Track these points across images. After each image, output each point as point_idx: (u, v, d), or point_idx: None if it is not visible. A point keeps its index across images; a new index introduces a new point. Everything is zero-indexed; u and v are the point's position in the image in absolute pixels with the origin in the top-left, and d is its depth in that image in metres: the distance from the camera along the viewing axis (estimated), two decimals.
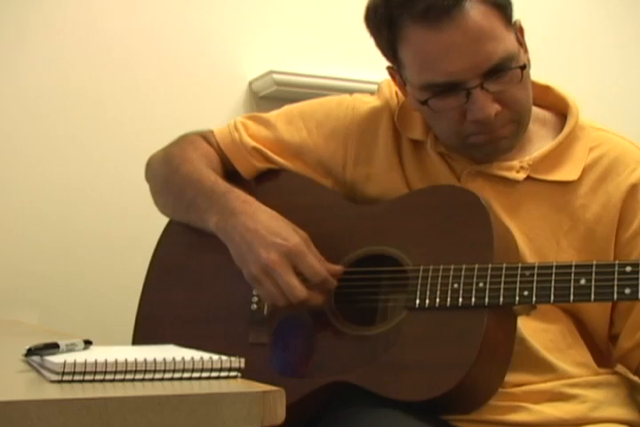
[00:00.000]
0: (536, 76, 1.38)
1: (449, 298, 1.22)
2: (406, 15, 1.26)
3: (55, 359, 0.89)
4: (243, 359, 0.93)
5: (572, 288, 1.16)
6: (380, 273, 1.32)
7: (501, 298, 1.19)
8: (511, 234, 1.29)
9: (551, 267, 1.19)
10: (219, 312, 1.41)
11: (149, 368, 0.89)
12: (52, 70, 2.19)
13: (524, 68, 1.29)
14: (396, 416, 1.17)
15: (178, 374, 0.90)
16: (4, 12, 2.16)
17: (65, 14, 2.21)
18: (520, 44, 1.32)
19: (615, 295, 1.14)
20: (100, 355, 0.91)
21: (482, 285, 1.20)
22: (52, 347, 0.97)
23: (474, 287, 1.21)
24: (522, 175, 1.34)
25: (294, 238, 1.31)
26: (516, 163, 1.35)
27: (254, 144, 1.50)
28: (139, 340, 1.45)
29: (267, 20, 2.41)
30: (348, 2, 1.82)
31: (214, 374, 0.91)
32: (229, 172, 1.52)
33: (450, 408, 1.21)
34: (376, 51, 1.36)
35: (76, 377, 0.87)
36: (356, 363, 1.25)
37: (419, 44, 1.27)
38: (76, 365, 0.87)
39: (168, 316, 1.46)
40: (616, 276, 1.14)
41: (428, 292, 1.24)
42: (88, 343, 1.04)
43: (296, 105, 1.54)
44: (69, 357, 0.90)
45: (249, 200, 1.39)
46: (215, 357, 0.92)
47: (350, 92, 1.55)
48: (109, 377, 0.87)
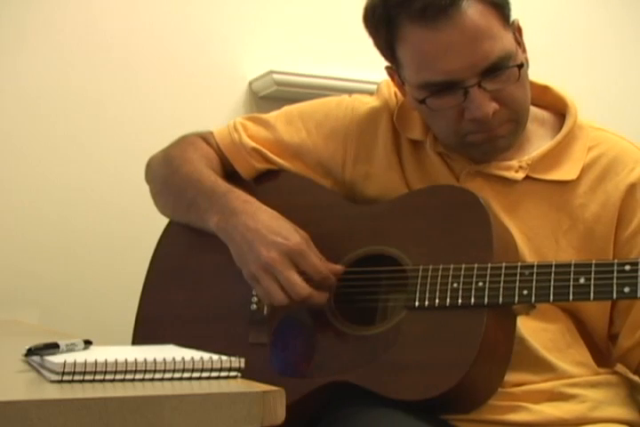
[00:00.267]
0: (535, 76, 1.38)
1: (448, 298, 1.22)
2: (404, 15, 1.26)
3: (55, 359, 0.89)
4: (243, 359, 0.93)
5: (572, 287, 1.16)
6: (380, 273, 1.32)
7: (501, 297, 1.19)
8: (510, 234, 1.30)
9: (550, 266, 1.19)
10: (219, 312, 1.42)
11: (149, 368, 0.89)
12: (52, 70, 2.19)
13: (521, 66, 1.29)
14: (396, 416, 1.17)
15: (178, 374, 0.90)
16: (4, 12, 2.15)
17: (65, 14, 2.21)
18: (518, 43, 1.32)
19: (614, 294, 1.14)
20: (100, 355, 0.91)
21: (481, 284, 1.20)
22: (52, 347, 0.97)
23: (473, 287, 1.21)
24: (521, 175, 1.34)
25: (295, 238, 1.31)
26: (514, 162, 1.35)
27: (254, 145, 1.50)
28: (139, 340, 1.45)
29: (267, 20, 2.41)
30: (347, 2, 1.81)
31: (214, 374, 0.91)
32: (229, 172, 1.52)
33: (450, 408, 1.21)
34: (375, 51, 1.37)
35: (76, 377, 0.87)
36: (355, 363, 1.25)
37: (416, 43, 1.27)
38: (75, 365, 0.87)
39: (168, 316, 1.46)
40: (615, 275, 1.14)
41: (427, 291, 1.24)
42: (88, 343, 1.05)
43: (295, 106, 1.55)
44: (69, 357, 0.90)
45: (249, 200, 1.39)
46: (215, 357, 0.92)
47: (350, 93, 1.55)
48: (109, 377, 0.87)
